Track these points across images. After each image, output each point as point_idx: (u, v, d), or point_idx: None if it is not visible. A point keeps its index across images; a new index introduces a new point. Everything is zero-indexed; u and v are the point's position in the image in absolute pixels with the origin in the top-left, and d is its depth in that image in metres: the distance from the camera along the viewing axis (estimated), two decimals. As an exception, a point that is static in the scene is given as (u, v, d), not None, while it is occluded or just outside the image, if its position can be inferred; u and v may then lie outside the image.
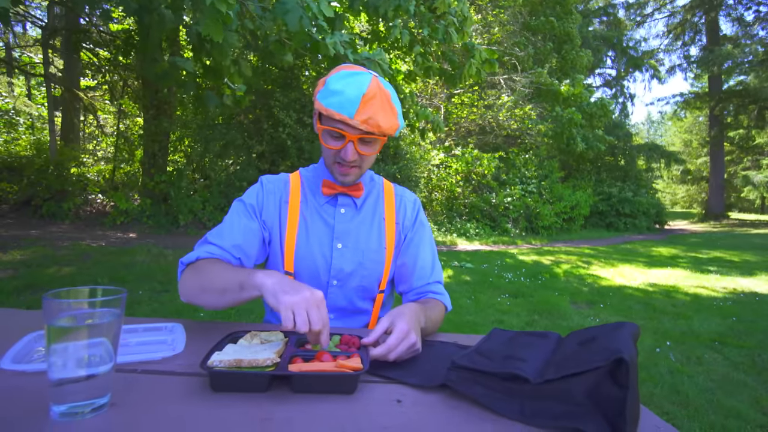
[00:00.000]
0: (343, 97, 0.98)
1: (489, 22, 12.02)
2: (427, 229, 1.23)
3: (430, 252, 1.20)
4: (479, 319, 3.86)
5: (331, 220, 1.13)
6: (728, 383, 2.70)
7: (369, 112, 0.98)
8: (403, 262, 1.18)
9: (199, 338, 0.90)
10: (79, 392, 0.59)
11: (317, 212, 1.14)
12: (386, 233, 1.17)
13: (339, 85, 1.00)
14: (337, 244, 1.12)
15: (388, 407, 0.68)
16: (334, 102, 0.98)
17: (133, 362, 0.77)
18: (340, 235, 1.12)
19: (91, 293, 0.62)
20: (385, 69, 3.16)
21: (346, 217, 1.14)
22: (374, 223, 1.17)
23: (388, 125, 1.02)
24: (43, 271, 4.44)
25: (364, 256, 1.13)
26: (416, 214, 1.22)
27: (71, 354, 0.58)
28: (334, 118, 0.99)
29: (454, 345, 0.94)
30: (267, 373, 0.68)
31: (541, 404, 0.63)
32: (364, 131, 1.00)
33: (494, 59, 4.28)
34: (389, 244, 1.16)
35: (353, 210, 1.16)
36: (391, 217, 1.18)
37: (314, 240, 1.11)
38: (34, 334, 0.84)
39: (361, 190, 1.15)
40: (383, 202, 1.20)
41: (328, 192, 1.12)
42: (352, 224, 1.14)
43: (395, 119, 1.04)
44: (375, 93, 1.00)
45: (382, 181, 1.26)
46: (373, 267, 1.14)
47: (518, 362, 0.68)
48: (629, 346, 0.61)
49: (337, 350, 0.81)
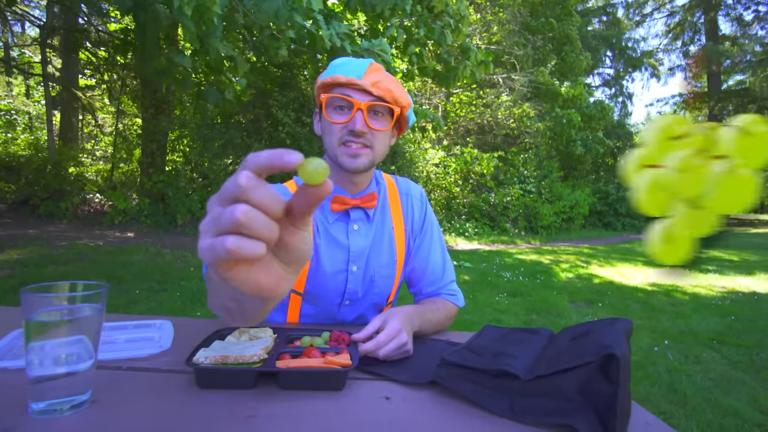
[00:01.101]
0: (349, 64, 0.91)
1: (488, 21, 12.02)
2: (435, 227, 1.14)
3: (440, 253, 1.13)
4: (477, 318, 3.85)
5: (345, 240, 1.00)
6: (726, 382, 2.69)
7: (378, 77, 0.90)
8: (412, 267, 1.11)
9: (188, 335, 0.89)
10: (58, 389, 0.58)
11: (327, 232, 1.00)
12: (396, 245, 1.07)
13: (344, 59, 0.95)
14: (353, 267, 1.01)
15: (376, 404, 0.66)
16: (340, 69, 0.90)
17: (119, 359, 0.76)
18: (357, 257, 1.01)
19: (72, 288, 0.61)
20: (386, 59, 3.10)
21: (360, 234, 1.02)
22: (384, 235, 1.06)
23: (400, 94, 0.93)
24: (40, 271, 4.42)
25: (376, 273, 1.04)
26: (424, 212, 1.13)
27: (49, 352, 0.57)
28: (341, 83, 0.89)
29: (445, 342, 0.93)
30: (253, 370, 0.67)
31: (531, 400, 0.62)
32: (375, 96, 0.90)
33: (489, 61, 4.28)
34: (399, 256, 1.08)
35: (366, 224, 1.03)
36: (399, 225, 1.08)
37: (327, 263, 0.99)
38: (18, 331, 0.83)
39: (375, 200, 1.01)
40: (389, 207, 1.09)
41: (338, 208, 0.98)
42: (366, 242, 1.03)
43: (407, 95, 0.96)
44: (381, 67, 0.94)
45: (384, 179, 1.13)
46: (383, 283, 1.06)
47: (508, 358, 0.67)
48: (621, 342, 0.59)
49: (327, 347, 0.80)
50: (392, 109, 0.94)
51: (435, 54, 4.70)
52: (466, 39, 4.45)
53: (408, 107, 0.96)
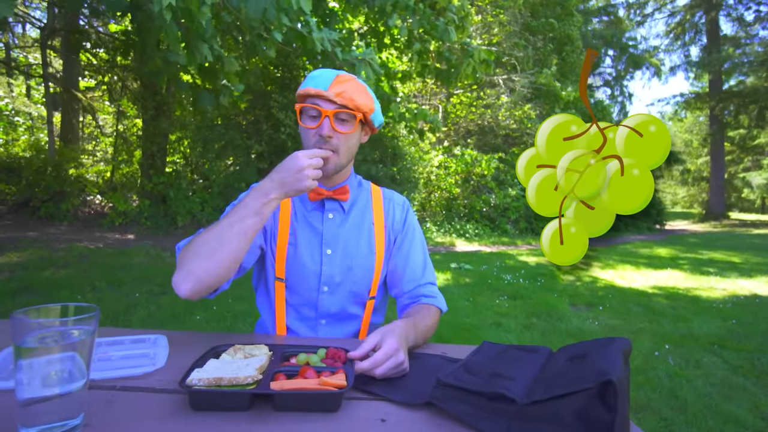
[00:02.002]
0: (319, 77, 1.06)
1: (488, 22, 12.00)
2: (417, 230, 1.22)
3: (421, 253, 1.19)
4: (477, 322, 3.84)
5: (320, 226, 1.13)
6: (727, 387, 2.68)
7: (343, 88, 1.03)
8: (394, 266, 1.17)
9: (183, 351, 0.88)
10: (50, 413, 0.57)
11: (305, 219, 1.13)
12: (376, 238, 1.16)
13: (318, 71, 1.09)
14: (327, 250, 1.11)
15: (371, 426, 0.66)
16: (311, 82, 1.05)
17: (112, 378, 0.75)
18: (329, 240, 1.12)
19: (63, 311, 0.60)
20: (376, 69, 3.15)
21: (335, 222, 1.14)
22: (363, 228, 1.16)
23: (362, 102, 1.05)
24: (39, 274, 4.42)
25: (354, 262, 1.12)
26: (405, 216, 1.22)
27: (38, 371, 0.56)
28: (310, 95, 1.04)
29: (441, 358, 0.92)
30: (247, 392, 0.66)
31: (528, 425, 0.61)
32: (339, 104, 1.03)
33: (491, 60, 4.26)
34: (379, 249, 1.15)
35: (341, 215, 1.15)
36: (380, 222, 1.18)
37: (304, 247, 1.11)
38: (11, 349, 0.82)
39: (347, 194, 1.14)
40: (371, 206, 1.20)
41: (314, 197, 1.11)
42: (341, 230, 1.13)
43: (371, 101, 1.09)
44: (350, 78, 1.07)
45: (371, 186, 1.25)
46: (362, 273, 1.13)
47: (505, 381, 0.66)
48: (618, 367, 0.59)
49: (323, 365, 0.79)
50: (356, 117, 1.07)
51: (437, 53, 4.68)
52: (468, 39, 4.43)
53: (371, 112, 1.09)
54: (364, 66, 3.11)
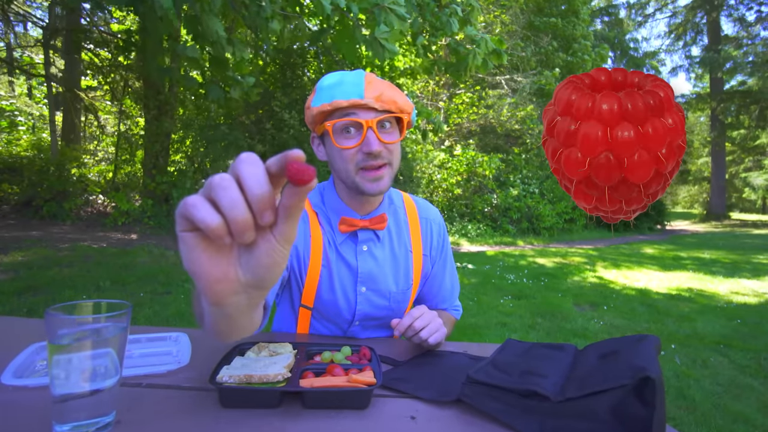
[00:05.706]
0: (343, 84, 0.86)
1: (490, 22, 11.99)
2: (450, 251, 1.16)
3: (451, 277, 1.16)
4: (482, 321, 3.83)
5: (353, 261, 0.99)
6: (735, 387, 2.67)
7: (379, 89, 0.86)
8: (428, 287, 1.13)
9: (205, 349, 0.88)
10: (83, 410, 0.57)
11: (337, 251, 0.99)
12: (413, 267, 1.06)
13: (333, 78, 0.89)
14: (361, 288, 1.00)
15: (402, 423, 0.65)
16: (336, 92, 0.86)
17: (138, 375, 0.75)
18: (365, 278, 1.00)
19: (96, 308, 0.60)
20: (400, 14, 2.74)
21: (370, 255, 1.01)
22: (400, 257, 1.04)
23: (403, 101, 0.90)
24: (43, 273, 4.41)
25: (390, 298, 1.03)
26: (443, 238, 1.13)
27: (75, 366, 0.56)
28: (343, 107, 0.85)
29: (465, 355, 0.91)
30: (278, 389, 0.66)
31: (562, 422, 0.61)
32: (381, 110, 0.86)
33: (502, 50, 4.15)
34: (416, 278, 1.06)
35: (376, 244, 1.01)
36: (418, 248, 1.06)
37: (337, 283, 0.99)
38: (36, 345, 0.82)
39: (384, 222, 0.99)
40: (408, 229, 1.07)
41: (346, 230, 0.97)
42: (376, 264, 1.01)
43: (405, 97, 0.93)
44: (375, 77, 0.89)
45: (402, 198, 1.11)
46: (398, 306, 1.05)
47: (538, 378, 0.66)
48: (655, 363, 0.58)
49: (348, 362, 0.79)
50: (399, 118, 0.92)
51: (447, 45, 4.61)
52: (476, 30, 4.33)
53: (412, 110, 0.94)
54: (384, 14, 2.72)
